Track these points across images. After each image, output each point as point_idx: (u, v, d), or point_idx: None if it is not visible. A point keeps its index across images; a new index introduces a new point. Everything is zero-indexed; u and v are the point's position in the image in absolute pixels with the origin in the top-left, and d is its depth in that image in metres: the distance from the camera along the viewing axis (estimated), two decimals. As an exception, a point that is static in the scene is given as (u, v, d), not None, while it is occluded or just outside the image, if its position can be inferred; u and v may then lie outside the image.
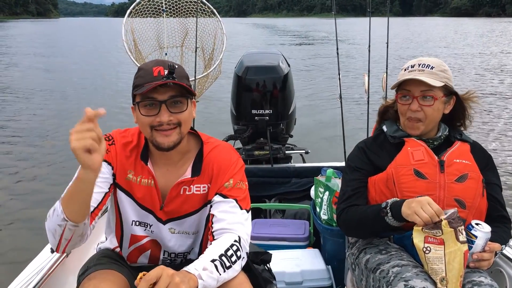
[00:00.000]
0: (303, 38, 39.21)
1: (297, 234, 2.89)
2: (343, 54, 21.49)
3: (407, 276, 1.61)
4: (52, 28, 73.99)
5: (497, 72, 16.67)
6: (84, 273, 1.67)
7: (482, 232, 1.67)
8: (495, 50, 25.65)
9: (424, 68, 1.87)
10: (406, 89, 1.90)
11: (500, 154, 7.33)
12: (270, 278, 1.84)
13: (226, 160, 1.71)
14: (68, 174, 1.78)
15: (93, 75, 17.04)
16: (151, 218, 1.72)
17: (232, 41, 31.09)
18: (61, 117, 10.23)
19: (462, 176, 1.83)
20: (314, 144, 5.87)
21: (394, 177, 1.85)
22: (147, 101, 1.55)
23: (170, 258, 1.80)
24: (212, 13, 4.14)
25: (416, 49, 25.51)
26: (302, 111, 8.23)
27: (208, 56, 4.20)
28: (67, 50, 28.98)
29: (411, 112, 1.89)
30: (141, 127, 1.62)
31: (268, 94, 3.69)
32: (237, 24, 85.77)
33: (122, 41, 3.81)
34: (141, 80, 1.57)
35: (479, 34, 43.03)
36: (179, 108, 1.58)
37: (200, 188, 1.70)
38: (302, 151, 4.01)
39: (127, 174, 1.68)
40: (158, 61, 1.63)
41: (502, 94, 12.42)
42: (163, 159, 1.69)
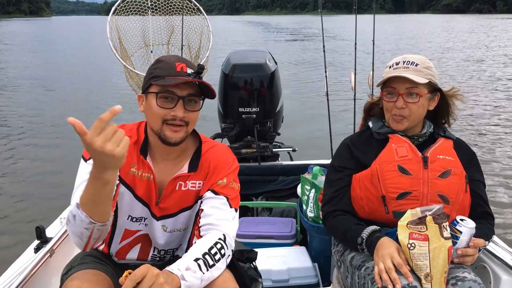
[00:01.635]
0: (296, 35, 39.41)
1: (284, 232, 2.89)
2: (334, 50, 21.58)
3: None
4: (45, 27, 73.42)
5: (481, 67, 16.85)
6: (67, 273, 1.65)
7: (467, 228, 1.68)
8: (481, 45, 25.96)
9: (408, 65, 1.87)
10: (391, 86, 1.90)
11: (485, 152, 7.41)
12: (256, 276, 1.85)
13: (222, 159, 1.72)
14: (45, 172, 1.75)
15: (87, 73, 16.95)
16: (147, 212, 1.71)
17: (225, 38, 31.40)
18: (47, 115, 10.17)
19: (445, 172, 1.84)
20: (301, 142, 5.85)
21: (378, 173, 1.86)
22: (166, 94, 1.56)
23: (159, 255, 1.80)
24: (198, 11, 4.12)
25: (405, 45, 25.78)
26: (290, 109, 8.25)
27: (195, 53, 4.19)
28: (62, 48, 28.77)
29: (396, 110, 1.90)
30: (151, 118, 1.61)
31: (255, 92, 3.68)
32: (231, 22, 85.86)
33: (107, 38, 3.78)
34: (161, 71, 1.58)
35: (468, 30, 43.45)
36: (194, 106, 1.61)
37: (195, 184, 1.71)
38: (289, 149, 4.01)
39: (131, 168, 1.67)
40: (179, 57, 1.66)
41: (485, 89, 12.56)
42: (162, 154, 1.69)
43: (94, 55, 22.32)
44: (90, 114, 9.88)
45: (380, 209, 1.85)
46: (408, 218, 1.65)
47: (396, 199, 1.82)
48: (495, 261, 2.09)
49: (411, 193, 1.81)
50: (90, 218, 1.40)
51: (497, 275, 2.04)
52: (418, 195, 1.80)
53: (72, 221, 1.43)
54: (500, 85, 13.53)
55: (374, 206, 1.86)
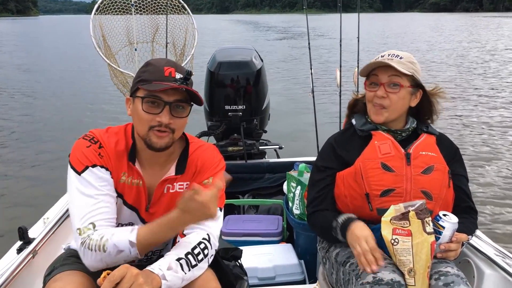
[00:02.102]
0: (285, 34, 39.53)
1: (270, 229, 2.89)
2: (323, 48, 21.62)
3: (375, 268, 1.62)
4: (33, 27, 72.64)
5: (462, 64, 17.05)
6: (50, 274, 1.62)
7: (449, 223, 1.69)
8: (463, 42, 26.26)
9: (393, 57, 1.89)
10: (375, 74, 1.91)
11: (469, 147, 7.49)
12: (241, 274, 1.84)
13: (209, 160, 1.70)
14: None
15: (75, 73, 16.79)
16: (135, 218, 1.69)
17: (214, 37, 31.40)
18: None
19: (428, 168, 1.85)
20: (288, 139, 5.88)
21: (362, 171, 1.86)
22: (152, 99, 1.53)
23: (146, 256, 1.77)
24: (182, 8, 4.10)
25: (392, 43, 25.96)
26: (277, 106, 8.26)
27: (180, 51, 4.16)
28: (49, 48, 28.49)
29: (377, 99, 1.90)
30: (137, 123, 1.58)
31: (241, 90, 3.67)
32: (220, 21, 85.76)
33: (90, 36, 3.74)
34: (149, 75, 1.54)
35: (453, 28, 43.89)
36: (180, 113, 1.57)
37: (183, 185, 1.69)
38: (276, 146, 4.01)
39: (121, 177, 1.64)
40: (169, 61, 1.62)
41: (468, 86, 12.69)
42: (150, 158, 1.66)
43: (83, 55, 22.12)
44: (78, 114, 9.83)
45: (364, 207, 1.85)
46: (392, 213, 1.66)
47: (379, 196, 1.82)
48: (479, 256, 2.11)
49: (394, 190, 1.81)
50: (138, 255, 1.45)
51: (480, 270, 2.05)
52: (402, 192, 1.81)
53: (113, 254, 1.44)
54: (484, 81, 13.69)
55: (358, 204, 1.87)
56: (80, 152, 1.58)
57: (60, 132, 8.38)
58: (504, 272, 1.95)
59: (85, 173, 1.54)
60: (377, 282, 1.57)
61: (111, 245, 1.43)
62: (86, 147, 1.59)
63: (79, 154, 1.57)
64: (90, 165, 1.56)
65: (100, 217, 1.50)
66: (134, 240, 1.44)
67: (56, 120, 9.73)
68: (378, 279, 1.58)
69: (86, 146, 1.59)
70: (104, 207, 1.53)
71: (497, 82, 13.51)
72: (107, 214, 1.53)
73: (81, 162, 1.56)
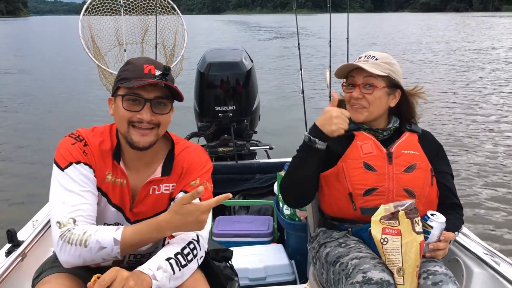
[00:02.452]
0: (276, 34, 39.68)
1: (261, 230, 2.89)
2: (314, 48, 21.66)
3: (365, 268, 1.63)
4: (23, 28, 72.06)
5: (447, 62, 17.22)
6: (38, 277, 1.61)
7: (437, 223, 1.71)
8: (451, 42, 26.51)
9: (368, 59, 1.93)
10: (351, 76, 1.95)
11: (455, 144, 7.56)
12: (232, 274, 1.83)
13: (195, 161, 1.69)
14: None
15: (66, 74, 16.70)
16: (121, 218, 1.68)
17: (206, 37, 31.35)
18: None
19: (410, 167, 1.87)
20: (278, 140, 5.88)
21: (344, 170, 1.87)
22: (132, 96, 1.52)
23: (135, 259, 1.76)
24: (172, 9, 4.09)
25: (381, 43, 26.12)
26: (268, 106, 8.26)
27: (170, 52, 4.15)
28: (41, 50, 28.26)
29: (353, 100, 1.93)
30: (118, 121, 1.58)
31: (231, 91, 3.67)
32: (211, 21, 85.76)
33: (79, 37, 3.72)
34: (129, 74, 1.54)
35: (443, 28, 44.28)
36: (162, 109, 1.56)
37: (169, 187, 1.68)
38: (267, 146, 4.01)
39: (106, 176, 1.63)
40: (148, 59, 1.62)
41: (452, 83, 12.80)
42: (134, 158, 1.65)
43: (74, 55, 22.00)
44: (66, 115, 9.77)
45: (348, 206, 1.87)
46: (381, 213, 1.68)
47: (363, 195, 1.84)
48: (467, 254, 2.12)
49: (377, 189, 1.83)
50: (119, 255, 1.43)
51: (469, 268, 2.07)
52: (384, 191, 1.82)
53: (94, 250, 1.42)
54: (472, 78, 13.82)
55: (342, 204, 1.88)
56: (65, 148, 1.58)
57: (50, 132, 8.32)
58: (493, 271, 1.97)
59: (68, 169, 1.54)
60: (367, 282, 1.58)
61: (93, 241, 1.42)
62: (71, 144, 1.59)
63: (63, 150, 1.58)
64: (74, 161, 1.56)
65: (80, 213, 1.49)
66: (118, 238, 1.42)
67: (46, 120, 9.68)
68: (367, 278, 1.59)
69: (71, 143, 1.59)
70: (86, 204, 1.52)
71: (486, 81, 13.65)
72: (88, 211, 1.52)
73: (65, 158, 1.56)
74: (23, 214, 3.83)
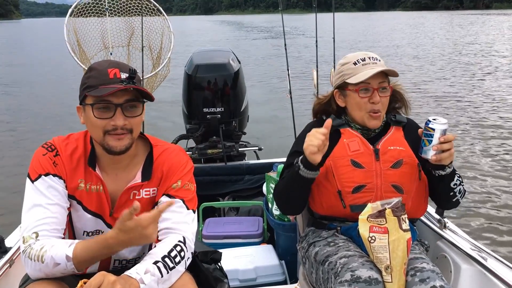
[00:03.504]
0: (268, 33, 39.79)
1: (251, 231, 2.89)
2: (306, 47, 21.73)
3: (353, 267, 1.64)
4: (16, 30, 71.55)
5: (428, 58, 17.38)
6: (25, 283, 1.60)
7: (438, 124, 1.70)
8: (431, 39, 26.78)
9: (376, 61, 1.92)
10: (365, 82, 1.89)
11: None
12: (221, 276, 1.83)
13: (175, 163, 1.68)
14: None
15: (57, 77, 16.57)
16: (101, 224, 1.67)
17: (198, 38, 31.29)
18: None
19: (397, 163, 1.88)
20: (267, 140, 5.89)
21: (332, 169, 1.88)
22: (102, 104, 1.50)
23: (121, 265, 1.75)
24: (158, 11, 4.08)
25: (372, 41, 26.32)
26: (256, 107, 8.25)
27: (156, 55, 4.14)
28: (35, 52, 28.08)
29: (372, 105, 1.90)
30: (91, 130, 1.56)
31: (219, 92, 3.67)
32: (204, 22, 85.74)
33: (64, 41, 3.70)
34: (94, 81, 1.51)
35: (432, 26, 44.69)
36: (134, 112, 1.55)
37: (149, 191, 1.66)
38: (255, 147, 4.01)
39: (79, 184, 1.62)
40: (111, 62, 1.59)
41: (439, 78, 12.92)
42: (111, 163, 1.64)
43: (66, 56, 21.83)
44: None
45: (337, 205, 1.87)
46: (369, 211, 1.69)
47: (351, 193, 1.85)
48: (455, 251, 2.14)
49: (365, 186, 1.84)
50: (75, 269, 1.43)
51: (457, 265, 2.08)
52: (373, 187, 1.84)
53: (50, 266, 1.42)
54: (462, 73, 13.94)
55: (331, 202, 1.89)
56: (37, 160, 1.59)
57: (39, 137, 8.24)
58: (480, 266, 1.99)
59: (37, 181, 1.55)
60: (355, 280, 1.59)
61: (48, 257, 1.42)
62: (42, 155, 1.59)
63: (35, 162, 1.58)
64: (44, 173, 1.56)
65: (44, 228, 1.49)
66: (70, 255, 1.42)
67: (34, 126, 9.59)
68: (356, 277, 1.60)
69: (43, 154, 1.60)
70: (51, 217, 1.52)
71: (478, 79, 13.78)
72: (53, 224, 1.51)
73: (36, 170, 1.57)
74: (10, 221, 3.80)
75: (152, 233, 1.40)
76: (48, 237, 1.49)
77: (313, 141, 1.71)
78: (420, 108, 9.57)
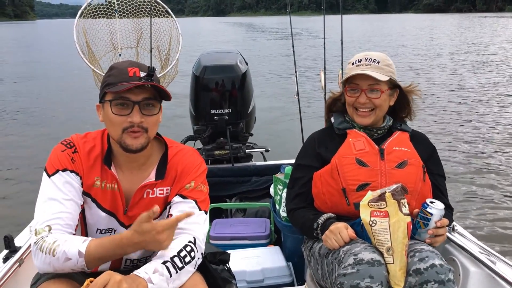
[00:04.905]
0: (279, 34, 39.86)
1: (258, 232, 2.89)
2: (316, 49, 21.72)
3: (356, 251, 1.68)
4: (31, 30, 72.31)
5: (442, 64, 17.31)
6: (36, 283, 1.61)
7: (436, 210, 1.76)
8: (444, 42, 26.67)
9: (370, 62, 1.95)
10: (354, 83, 1.97)
11: (450, 146, 7.58)
12: (229, 277, 1.84)
13: (189, 163, 1.70)
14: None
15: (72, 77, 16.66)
16: (115, 223, 1.68)
17: (208, 39, 31.34)
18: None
19: (402, 163, 1.92)
20: (274, 142, 5.89)
21: (338, 167, 1.92)
22: (120, 100, 1.53)
23: (132, 264, 1.77)
24: (166, 13, 4.10)
25: (381, 43, 26.28)
26: (263, 109, 8.25)
27: (164, 56, 4.15)
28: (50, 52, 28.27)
29: (360, 105, 1.96)
30: (110, 127, 1.59)
31: (226, 94, 3.68)
32: (216, 23, 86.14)
33: (74, 42, 3.72)
34: (114, 78, 1.55)
35: (443, 29, 44.58)
36: (150, 110, 1.58)
37: (163, 190, 1.69)
38: (263, 149, 4.01)
39: (95, 181, 1.64)
40: (132, 62, 1.63)
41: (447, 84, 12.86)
42: (127, 162, 1.66)
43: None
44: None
45: (341, 202, 1.91)
46: (369, 197, 1.73)
47: (356, 190, 1.88)
48: (464, 254, 2.14)
49: (369, 184, 1.88)
50: (86, 266, 1.44)
51: (465, 268, 2.08)
52: (377, 186, 1.86)
53: (61, 260, 1.44)
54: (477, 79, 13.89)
55: (336, 200, 1.92)
56: (55, 155, 1.61)
57: (50, 138, 8.29)
58: (489, 270, 1.99)
59: (54, 176, 1.57)
60: (358, 262, 1.62)
61: (61, 251, 1.44)
62: (61, 151, 1.62)
63: (53, 157, 1.60)
64: (61, 169, 1.58)
65: (57, 222, 1.51)
66: (83, 251, 1.43)
67: (46, 126, 9.64)
68: (358, 259, 1.63)
69: (61, 150, 1.62)
70: (65, 212, 1.54)
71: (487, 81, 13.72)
72: (66, 219, 1.53)
73: (53, 165, 1.59)
74: (20, 220, 3.82)
75: (165, 240, 1.41)
76: (60, 231, 1.50)
77: (333, 243, 1.78)
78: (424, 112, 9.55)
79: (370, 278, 1.58)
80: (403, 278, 1.65)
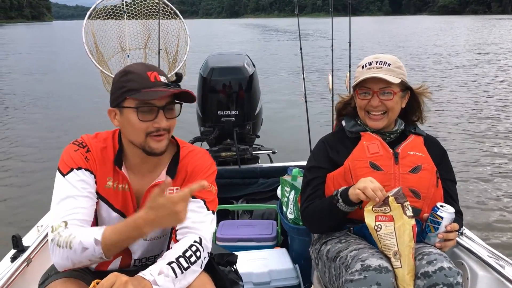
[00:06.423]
0: (292, 36, 39.92)
1: (265, 234, 2.89)
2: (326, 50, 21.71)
3: (363, 257, 1.67)
4: (49, 31, 73.40)
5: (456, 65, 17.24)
6: (44, 282, 1.62)
7: (447, 213, 1.76)
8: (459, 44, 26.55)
9: (381, 65, 1.93)
10: (365, 86, 1.95)
11: (460, 149, 7.53)
12: (236, 279, 1.85)
13: (200, 164, 1.71)
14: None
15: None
16: None
17: (221, 40, 31.38)
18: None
19: (416, 168, 1.90)
20: (281, 144, 5.88)
21: (351, 170, 1.90)
22: (146, 107, 1.53)
23: (141, 263, 1.78)
24: (174, 14, 4.11)
25: (396, 45, 26.25)
26: (270, 110, 8.24)
27: (172, 57, 4.17)
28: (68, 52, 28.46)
29: (372, 108, 1.94)
30: (131, 132, 1.58)
31: (233, 95, 3.68)
32: (229, 25, 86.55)
33: (82, 43, 3.74)
34: (135, 84, 1.53)
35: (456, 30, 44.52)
36: (173, 113, 1.60)
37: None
38: (269, 151, 4.01)
39: (107, 182, 1.65)
40: (148, 66, 1.62)
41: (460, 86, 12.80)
42: (140, 163, 1.67)
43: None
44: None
45: None
46: (373, 203, 1.72)
47: None
48: (472, 258, 2.12)
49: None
50: (103, 255, 1.43)
51: (474, 272, 2.07)
52: (389, 190, 1.83)
53: (78, 251, 1.43)
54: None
55: None
56: (68, 155, 1.61)
57: (59, 140, 8.33)
58: (498, 274, 1.97)
59: (69, 175, 1.57)
60: (365, 269, 1.62)
61: (77, 242, 1.44)
62: (74, 150, 1.62)
63: (66, 157, 1.61)
64: (76, 167, 1.59)
65: (73, 217, 1.51)
66: (99, 238, 1.43)
67: (55, 127, 9.70)
68: (366, 266, 1.62)
69: (74, 150, 1.62)
70: (81, 208, 1.54)
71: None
72: (82, 215, 1.54)
73: (67, 164, 1.59)
74: (27, 220, 3.84)
75: (182, 211, 1.40)
76: (77, 227, 1.50)
77: (372, 184, 1.73)
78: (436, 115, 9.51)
79: (377, 285, 1.58)
80: (412, 282, 1.64)
